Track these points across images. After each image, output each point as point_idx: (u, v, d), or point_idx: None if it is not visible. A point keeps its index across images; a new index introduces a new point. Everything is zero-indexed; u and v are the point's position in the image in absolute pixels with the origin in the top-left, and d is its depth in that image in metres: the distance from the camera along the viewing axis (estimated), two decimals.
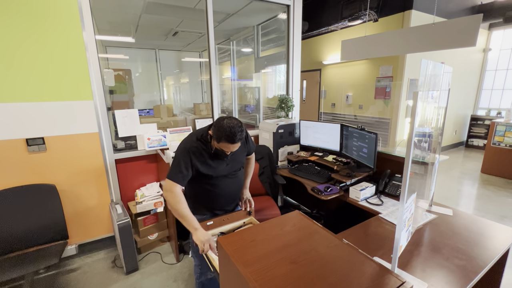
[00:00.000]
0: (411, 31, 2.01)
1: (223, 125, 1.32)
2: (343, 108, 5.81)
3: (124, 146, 2.62)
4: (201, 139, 1.45)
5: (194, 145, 1.43)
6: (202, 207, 1.59)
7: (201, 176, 1.47)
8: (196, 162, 1.42)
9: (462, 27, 1.68)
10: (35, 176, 2.07)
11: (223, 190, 1.57)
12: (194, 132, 1.52)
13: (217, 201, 1.59)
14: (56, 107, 2.07)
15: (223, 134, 1.32)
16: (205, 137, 1.45)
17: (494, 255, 1.24)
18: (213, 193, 1.55)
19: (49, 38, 1.97)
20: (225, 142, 1.34)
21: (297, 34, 3.14)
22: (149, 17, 3.47)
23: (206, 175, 1.48)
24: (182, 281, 2.05)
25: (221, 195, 1.58)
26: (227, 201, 1.64)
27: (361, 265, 0.84)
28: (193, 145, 1.43)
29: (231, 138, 1.32)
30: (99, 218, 2.40)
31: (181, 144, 1.47)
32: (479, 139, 6.16)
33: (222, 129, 1.32)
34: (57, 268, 2.20)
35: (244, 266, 0.84)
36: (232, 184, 1.61)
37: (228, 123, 1.33)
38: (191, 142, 1.44)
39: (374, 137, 1.92)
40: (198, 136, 1.46)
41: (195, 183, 1.50)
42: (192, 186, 1.52)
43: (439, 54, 4.99)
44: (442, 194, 3.72)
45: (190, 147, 1.42)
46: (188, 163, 1.40)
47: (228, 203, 1.65)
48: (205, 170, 1.46)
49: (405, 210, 1.05)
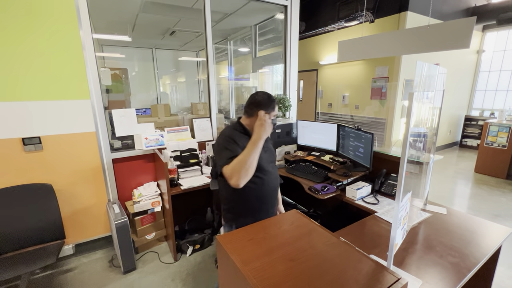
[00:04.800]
0: (407, 32, 2.04)
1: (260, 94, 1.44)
2: (339, 108, 5.85)
3: (121, 145, 2.61)
4: (236, 128, 1.45)
5: (232, 132, 1.42)
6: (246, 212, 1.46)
7: None
8: (241, 145, 1.36)
9: (456, 29, 1.71)
10: (31, 175, 2.06)
11: (267, 185, 1.47)
12: (226, 128, 1.50)
13: (262, 200, 1.47)
14: (53, 106, 2.06)
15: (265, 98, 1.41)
16: (238, 126, 1.46)
17: (486, 252, 1.27)
18: (257, 190, 1.43)
19: (46, 37, 1.96)
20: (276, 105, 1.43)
21: (294, 35, 3.16)
22: (146, 16, 3.46)
23: None
24: (179, 280, 2.06)
25: (266, 192, 1.48)
26: (271, 199, 1.53)
27: (358, 263, 0.86)
28: (231, 132, 1.42)
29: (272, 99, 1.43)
30: (96, 218, 2.39)
31: (219, 138, 1.43)
32: (473, 139, 6.25)
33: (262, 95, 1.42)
34: (54, 268, 2.19)
35: (243, 264, 0.85)
36: (274, 179, 1.53)
37: (263, 92, 1.46)
38: (228, 131, 1.43)
39: (370, 137, 1.95)
40: (232, 127, 1.47)
41: None
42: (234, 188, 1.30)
43: (434, 55, 5.05)
44: (437, 193, 3.78)
45: (229, 134, 1.40)
46: (234, 145, 1.35)
47: (271, 202, 1.54)
48: None
49: (401, 209, 1.07)
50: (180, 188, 2.19)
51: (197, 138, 2.75)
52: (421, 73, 0.90)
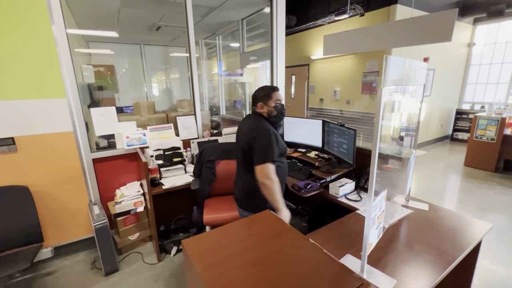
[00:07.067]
0: (390, 26, 1.99)
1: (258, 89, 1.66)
2: (330, 103, 5.82)
3: (107, 144, 2.54)
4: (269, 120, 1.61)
5: (270, 126, 1.57)
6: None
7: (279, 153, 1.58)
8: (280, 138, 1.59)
9: (438, 22, 1.67)
10: (5, 177, 1.99)
11: (286, 172, 1.72)
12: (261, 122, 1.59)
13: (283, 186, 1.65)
14: (27, 105, 1.99)
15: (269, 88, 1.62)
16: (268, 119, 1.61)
17: (464, 248, 1.25)
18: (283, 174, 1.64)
19: (17, 34, 1.87)
20: (275, 91, 1.61)
21: (280, 29, 3.10)
22: (128, 11, 3.36)
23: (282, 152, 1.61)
24: (162, 281, 2.02)
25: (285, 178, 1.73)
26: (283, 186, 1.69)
27: (324, 266, 0.83)
28: (270, 126, 1.57)
29: (275, 87, 1.64)
30: (77, 220, 2.33)
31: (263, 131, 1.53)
32: (464, 132, 6.29)
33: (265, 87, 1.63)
34: (33, 272, 2.14)
35: (204, 270, 0.81)
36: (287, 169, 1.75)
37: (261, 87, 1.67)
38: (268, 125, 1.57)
39: (353, 133, 1.92)
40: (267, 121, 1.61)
41: None
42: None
43: (425, 49, 5.02)
44: (426, 187, 3.79)
45: (270, 128, 1.56)
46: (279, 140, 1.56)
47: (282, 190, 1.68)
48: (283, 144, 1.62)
49: (374, 208, 1.04)
50: (162, 187, 2.14)
51: (182, 136, 2.69)
52: (387, 68, 0.85)
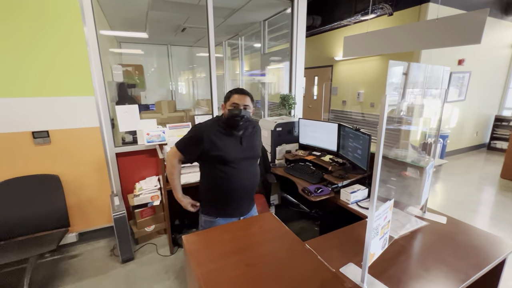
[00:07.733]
0: (413, 27, 1.89)
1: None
2: (353, 105, 5.63)
3: (132, 139, 2.72)
4: (215, 118, 1.56)
5: (208, 122, 1.53)
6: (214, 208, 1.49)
7: (214, 159, 1.42)
8: (207, 136, 1.42)
9: (467, 23, 1.55)
10: (40, 166, 2.20)
11: (238, 183, 1.45)
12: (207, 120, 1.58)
13: (231, 196, 1.46)
14: (59, 102, 2.18)
15: (232, 90, 1.50)
16: (219, 116, 1.55)
17: (482, 267, 1.16)
18: (226, 184, 1.43)
19: (51, 34, 2.05)
20: (235, 94, 1.46)
21: (301, 31, 3.07)
22: (156, 14, 3.53)
23: (218, 157, 1.41)
24: (173, 272, 2.11)
25: (236, 189, 1.45)
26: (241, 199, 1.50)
27: (316, 273, 0.82)
28: (207, 122, 1.53)
29: (239, 89, 1.49)
30: (100, 209, 2.51)
31: (194, 126, 1.55)
32: (503, 141, 5.74)
33: (233, 89, 1.52)
34: (60, 254, 2.34)
35: (198, 265, 0.85)
36: (249, 176, 1.50)
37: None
38: (205, 123, 1.52)
39: (368, 138, 1.85)
40: (214, 118, 1.58)
41: (210, 171, 1.46)
42: (206, 175, 1.50)
43: (459, 51, 4.67)
44: (455, 199, 3.53)
45: (203, 124, 1.51)
46: (199, 136, 1.43)
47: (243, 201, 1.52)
48: (216, 148, 1.42)
49: (377, 218, 1.01)
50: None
51: None
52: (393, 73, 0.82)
